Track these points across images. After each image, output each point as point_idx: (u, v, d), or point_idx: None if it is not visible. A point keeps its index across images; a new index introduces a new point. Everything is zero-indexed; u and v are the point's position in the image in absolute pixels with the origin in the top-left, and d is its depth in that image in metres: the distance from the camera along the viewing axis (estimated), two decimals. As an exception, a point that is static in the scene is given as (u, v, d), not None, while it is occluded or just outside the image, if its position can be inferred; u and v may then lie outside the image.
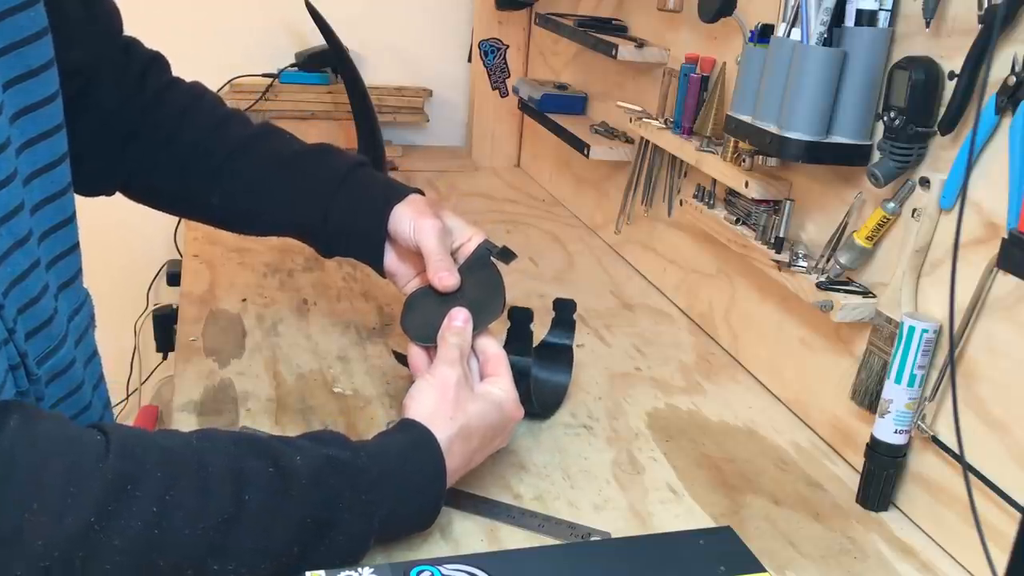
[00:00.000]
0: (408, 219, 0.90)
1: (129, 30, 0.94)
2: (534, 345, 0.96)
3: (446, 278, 0.87)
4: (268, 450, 0.68)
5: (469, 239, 0.93)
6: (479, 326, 0.84)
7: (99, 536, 0.58)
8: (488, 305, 0.86)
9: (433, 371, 0.80)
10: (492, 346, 0.85)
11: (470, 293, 0.88)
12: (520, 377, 0.91)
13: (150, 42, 0.96)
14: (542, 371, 0.99)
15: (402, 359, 1.01)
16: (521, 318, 0.95)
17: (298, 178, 0.94)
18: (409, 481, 0.73)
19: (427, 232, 0.89)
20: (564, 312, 1.00)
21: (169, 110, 0.93)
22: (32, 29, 0.69)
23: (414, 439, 0.75)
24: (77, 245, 0.79)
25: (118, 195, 0.97)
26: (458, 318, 0.83)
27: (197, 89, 0.97)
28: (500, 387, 0.82)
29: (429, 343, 0.84)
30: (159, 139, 0.92)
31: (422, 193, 0.95)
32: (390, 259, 0.94)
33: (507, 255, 0.92)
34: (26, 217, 0.69)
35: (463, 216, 0.95)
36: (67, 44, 0.74)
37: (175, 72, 0.97)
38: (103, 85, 0.88)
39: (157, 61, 0.95)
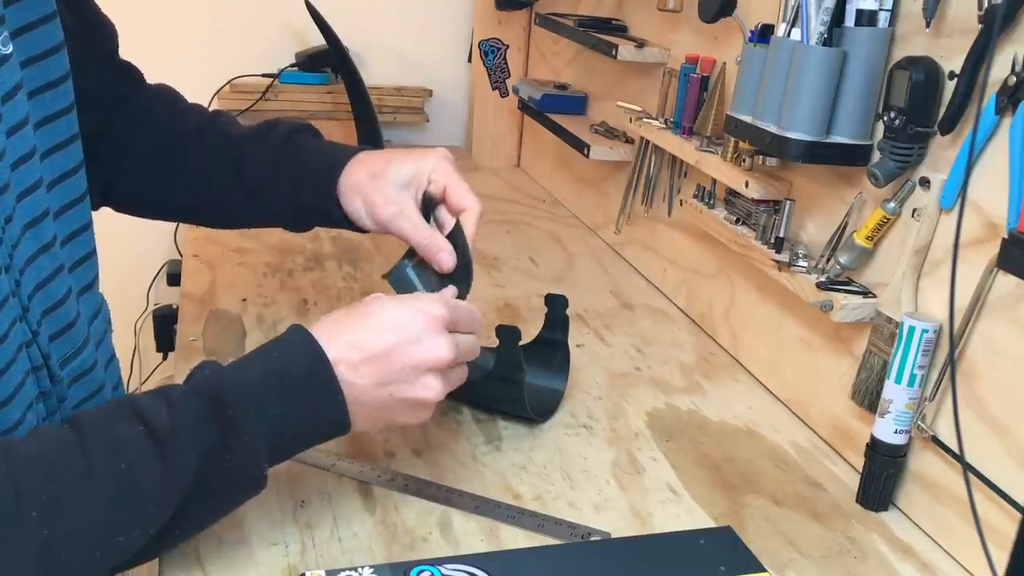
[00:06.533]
0: (363, 211, 0.87)
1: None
2: (527, 342, 0.96)
3: (445, 259, 0.84)
4: (134, 410, 0.64)
5: (430, 181, 0.86)
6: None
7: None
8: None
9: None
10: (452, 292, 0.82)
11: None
12: (512, 385, 0.91)
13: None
14: (536, 376, 0.98)
15: None
16: (556, 306, 0.98)
17: (240, 164, 0.91)
18: (283, 377, 0.68)
19: (397, 223, 0.85)
20: (556, 308, 1.00)
21: (132, 113, 0.93)
22: (51, 42, 0.72)
23: (287, 339, 0.71)
24: (94, 251, 0.80)
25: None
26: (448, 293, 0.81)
27: (154, 90, 0.96)
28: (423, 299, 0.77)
29: None
30: (125, 144, 0.92)
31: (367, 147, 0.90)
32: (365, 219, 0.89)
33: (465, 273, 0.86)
34: (50, 223, 0.71)
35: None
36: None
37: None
38: (93, 105, 0.86)
39: (128, 72, 0.95)
